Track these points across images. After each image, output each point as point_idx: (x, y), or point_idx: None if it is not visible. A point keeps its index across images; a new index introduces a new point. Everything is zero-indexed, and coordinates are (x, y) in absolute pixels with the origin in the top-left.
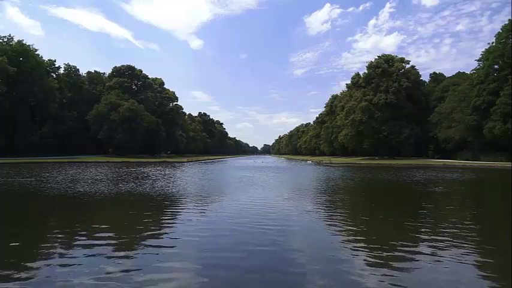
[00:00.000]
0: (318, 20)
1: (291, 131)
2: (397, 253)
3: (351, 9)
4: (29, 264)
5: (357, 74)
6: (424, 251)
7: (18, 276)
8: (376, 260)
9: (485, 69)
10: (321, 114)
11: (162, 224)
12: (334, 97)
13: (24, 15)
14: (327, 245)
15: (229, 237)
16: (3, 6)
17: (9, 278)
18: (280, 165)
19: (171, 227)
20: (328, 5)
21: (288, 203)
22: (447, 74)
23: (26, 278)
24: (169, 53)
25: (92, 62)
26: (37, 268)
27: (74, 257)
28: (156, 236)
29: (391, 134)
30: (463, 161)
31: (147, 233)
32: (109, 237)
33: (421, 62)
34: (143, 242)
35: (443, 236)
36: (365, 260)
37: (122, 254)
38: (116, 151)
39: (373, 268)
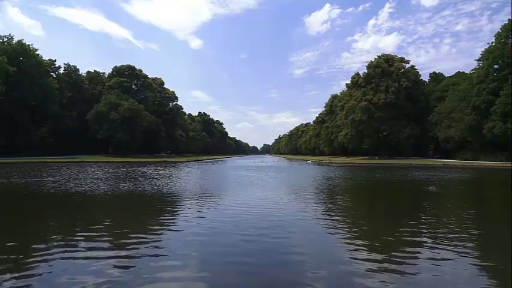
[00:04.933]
0: (317, 20)
1: (290, 131)
2: (396, 255)
3: (350, 9)
4: (28, 263)
5: (357, 74)
6: (423, 252)
7: (17, 275)
8: (376, 262)
9: (485, 69)
10: (320, 114)
11: (160, 227)
12: (334, 97)
13: (25, 15)
14: (326, 247)
15: (229, 247)
16: (4, 6)
17: (9, 277)
18: (280, 165)
19: (165, 234)
20: (327, 5)
21: (288, 205)
22: (447, 74)
23: (25, 278)
24: (169, 53)
25: (91, 61)
26: (36, 268)
27: (74, 257)
28: (154, 239)
29: (391, 134)
30: (462, 160)
31: (146, 234)
32: (109, 237)
33: (421, 62)
34: (142, 244)
35: (443, 236)
36: (365, 262)
37: (122, 254)
38: (116, 151)
39: (372, 270)
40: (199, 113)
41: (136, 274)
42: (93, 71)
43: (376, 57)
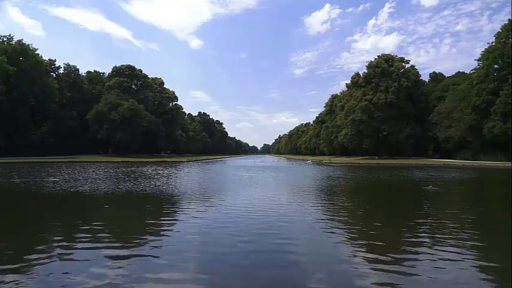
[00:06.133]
0: (317, 20)
1: (290, 131)
2: (396, 255)
3: (350, 9)
4: (28, 262)
5: (357, 74)
6: (423, 252)
7: (17, 275)
8: (376, 262)
9: (485, 69)
10: (320, 113)
11: (159, 228)
12: (334, 97)
13: (25, 15)
14: (326, 248)
15: (229, 248)
16: (4, 6)
17: (9, 277)
18: (280, 164)
19: (165, 236)
20: (327, 5)
21: (288, 205)
22: (447, 74)
23: (25, 276)
24: (169, 53)
25: (91, 61)
26: (36, 267)
27: (74, 256)
28: (154, 240)
29: (391, 134)
30: (462, 160)
31: (145, 236)
32: (108, 238)
33: (421, 62)
34: (142, 245)
35: (442, 236)
36: (365, 263)
37: (121, 255)
38: (116, 151)
39: (372, 271)
40: (199, 113)
41: (136, 276)
42: (93, 71)
43: (376, 57)
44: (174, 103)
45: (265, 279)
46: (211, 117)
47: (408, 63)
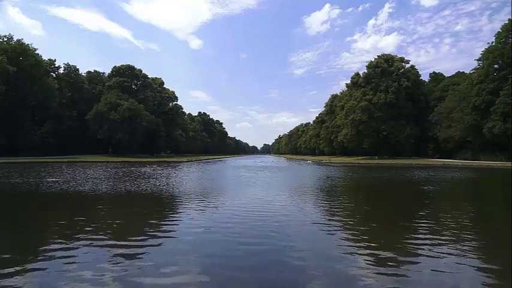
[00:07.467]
0: (317, 20)
1: (290, 131)
2: (396, 256)
3: (350, 9)
4: (28, 261)
5: (357, 74)
6: (422, 252)
7: (16, 273)
8: (376, 263)
9: (485, 69)
10: (320, 113)
11: (158, 230)
12: (334, 97)
13: (25, 15)
14: (326, 249)
15: (228, 250)
16: (4, 6)
17: (8, 277)
18: (280, 164)
19: (164, 237)
20: (327, 5)
21: (288, 206)
22: (447, 74)
23: (24, 276)
24: (169, 53)
25: (91, 61)
26: (35, 266)
27: (73, 257)
28: (153, 242)
29: (391, 134)
30: (462, 160)
31: (144, 238)
32: (107, 240)
33: (421, 62)
34: (141, 247)
35: (442, 237)
36: (364, 264)
37: (119, 257)
38: (116, 151)
39: (372, 272)
40: (199, 113)
41: (135, 277)
42: (93, 71)
43: (376, 57)
44: (174, 103)
45: (265, 281)
46: (211, 117)
47: (408, 63)
